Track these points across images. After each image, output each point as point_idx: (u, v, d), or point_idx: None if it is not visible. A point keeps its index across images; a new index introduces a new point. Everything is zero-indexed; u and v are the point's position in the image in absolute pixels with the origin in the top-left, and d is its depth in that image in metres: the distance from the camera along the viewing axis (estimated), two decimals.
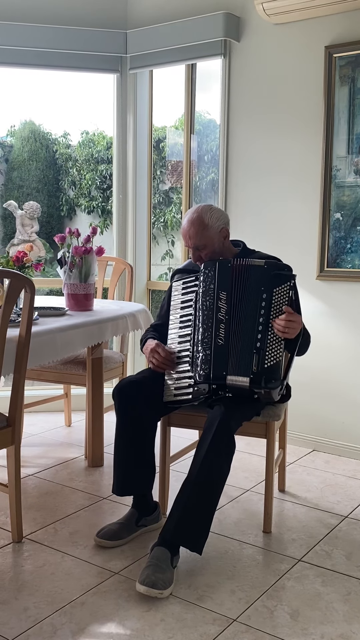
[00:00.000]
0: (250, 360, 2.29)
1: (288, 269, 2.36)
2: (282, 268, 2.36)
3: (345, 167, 3.30)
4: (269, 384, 2.29)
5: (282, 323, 2.26)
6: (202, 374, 2.33)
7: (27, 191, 9.17)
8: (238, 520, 2.65)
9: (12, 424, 2.35)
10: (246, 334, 2.32)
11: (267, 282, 2.32)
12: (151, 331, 2.65)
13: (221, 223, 2.49)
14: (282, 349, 2.32)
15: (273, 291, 2.31)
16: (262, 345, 2.29)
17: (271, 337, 2.30)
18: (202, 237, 2.46)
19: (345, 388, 3.40)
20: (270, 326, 2.29)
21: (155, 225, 7.91)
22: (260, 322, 2.30)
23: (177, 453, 2.77)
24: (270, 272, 2.33)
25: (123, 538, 2.44)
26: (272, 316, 2.30)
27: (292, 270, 2.36)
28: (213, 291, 2.37)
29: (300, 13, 3.25)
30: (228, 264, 2.38)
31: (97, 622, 1.95)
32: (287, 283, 2.33)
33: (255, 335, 2.30)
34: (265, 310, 2.30)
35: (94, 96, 8.75)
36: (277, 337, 2.30)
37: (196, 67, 3.97)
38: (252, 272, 2.35)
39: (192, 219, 2.47)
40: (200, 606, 2.04)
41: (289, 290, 2.33)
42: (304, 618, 1.99)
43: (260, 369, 2.28)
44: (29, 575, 2.21)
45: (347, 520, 2.67)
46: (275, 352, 2.30)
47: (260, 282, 2.33)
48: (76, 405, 4.03)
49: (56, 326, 2.67)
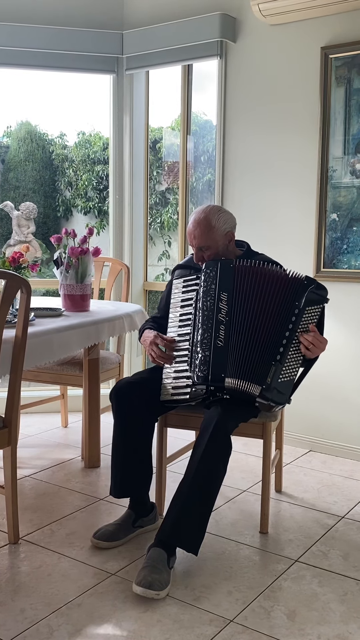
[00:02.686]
0: (267, 371, 2.28)
1: (324, 289, 2.33)
2: (320, 287, 2.32)
3: (342, 168, 3.30)
4: (277, 397, 2.29)
5: (310, 339, 2.26)
6: (200, 374, 2.33)
7: (23, 192, 9.15)
8: (235, 521, 2.65)
9: (9, 425, 2.35)
10: (264, 341, 2.30)
11: (303, 299, 2.28)
12: (150, 322, 2.64)
13: (228, 226, 2.48)
14: (298, 368, 2.32)
15: (306, 309, 2.28)
16: (282, 359, 2.28)
17: (292, 354, 2.29)
18: (207, 238, 2.44)
19: (341, 389, 3.41)
20: (294, 343, 2.28)
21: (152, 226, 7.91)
22: (286, 335, 2.28)
23: (174, 454, 2.76)
24: (308, 288, 2.29)
25: (120, 539, 2.43)
26: (299, 333, 2.28)
27: (327, 293, 2.34)
28: (214, 291, 2.36)
29: (297, 14, 3.26)
30: (230, 264, 2.37)
31: (93, 623, 1.95)
32: (321, 305, 2.32)
33: (277, 347, 2.28)
34: (294, 325, 2.28)
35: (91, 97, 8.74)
36: (297, 355, 2.29)
37: (192, 68, 3.97)
38: (286, 284, 2.31)
39: (199, 219, 2.45)
40: (197, 607, 2.04)
41: (320, 312, 2.33)
42: (300, 618, 1.99)
43: (274, 382, 2.27)
44: (25, 576, 2.20)
45: (343, 521, 2.67)
46: (292, 369, 2.30)
47: (295, 296, 2.29)
48: (73, 406, 4.02)
49: (52, 327, 2.66)
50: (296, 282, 2.31)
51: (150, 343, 2.46)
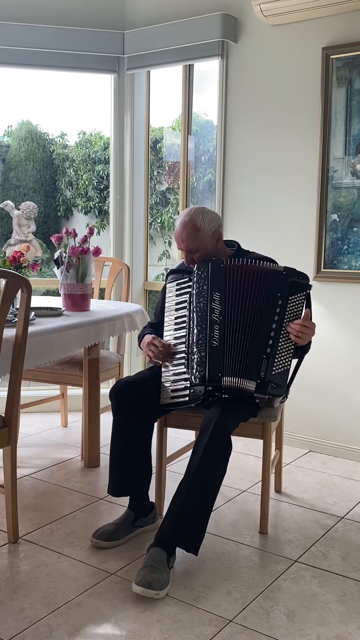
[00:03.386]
0: (259, 365, 2.29)
1: (304, 277, 2.35)
2: (300, 276, 2.34)
3: (342, 169, 3.30)
4: (274, 390, 2.29)
5: (297, 327, 2.27)
6: (197, 375, 2.33)
7: (23, 191, 9.16)
8: (234, 521, 2.65)
9: (8, 424, 2.35)
10: (255, 337, 2.31)
11: (285, 289, 2.31)
12: (148, 328, 2.66)
13: (214, 225, 2.48)
14: (291, 358, 2.32)
15: (289, 299, 2.30)
16: (273, 352, 2.29)
17: (282, 345, 2.29)
18: (194, 240, 2.45)
19: (341, 389, 3.41)
20: (282, 333, 2.29)
21: (152, 225, 7.92)
22: (273, 327, 2.30)
23: (174, 454, 2.76)
24: (289, 279, 2.32)
25: (119, 539, 2.43)
26: (286, 323, 2.30)
27: (309, 280, 2.36)
28: (206, 292, 2.37)
29: (298, 14, 3.26)
30: (221, 264, 2.38)
31: (93, 622, 1.95)
32: (303, 292, 2.33)
33: (266, 340, 2.30)
34: (279, 316, 2.30)
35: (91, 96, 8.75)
36: (288, 346, 2.30)
37: (193, 68, 3.97)
38: (268, 277, 2.34)
39: (184, 222, 2.47)
40: (197, 607, 2.04)
41: (305, 299, 2.33)
42: (300, 619, 1.99)
43: (268, 375, 2.28)
44: (24, 576, 2.20)
45: (343, 521, 2.67)
46: (284, 360, 2.30)
47: (277, 289, 2.31)
48: (72, 405, 4.02)
49: (53, 326, 2.66)
50: (275, 274, 2.33)
51: (148, 344, 2.47)
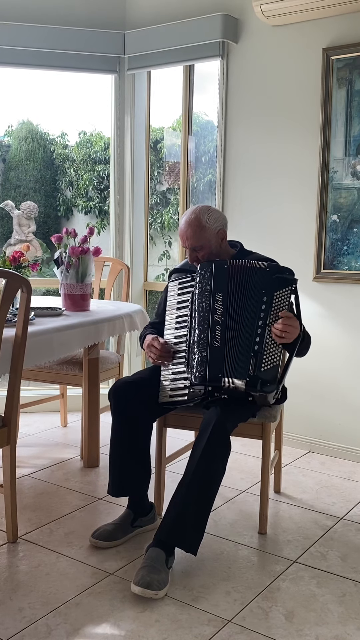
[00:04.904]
0: (247, 363, 2.29)
1: (290, 273, 2.35)
2: (284, 271, 2.35)
3: (342, 169, 3.30)
4: (264, 387, 2.30)
5: (280, 327, 2.26)
6: (197, 375, 2.33)
7: (24, 191, 9.16)
8: (233, 522, 2.65)
9: (8, 424, 2.35)
10: (244, 336, 2.32)
11: (269, 285, 2.31)
12: (149, 328, 2.65)
13: (219, 225, 2.49)
14: (279, 353, 2.32)
15: (274, 294, 2.30)
16: (260, 349, 2.29)
17: (269, 341, 2.29)
18: (199, 238, 2.45)
19: (341, 389, 3.41)
20: (269, 330, 2.29)
21: (153, 226, 7.92)
22: (259, 325, 2.30)
23: (173, 454, 2.76)
24: (272, 275, 2.33)
25: (118, 539, 2.43)
26: (272, 320, 2.30)
27: (294, 274, 2.36)
28: (209, 292, 2.37)
29: (298, 15, 3.26)
30: (224, 265, 2.38)
31: (92, 622, 1.95)
32: (288, 287, 2.32)
33: (253, 338, 2.30)
34: (264, 313, 2.30)
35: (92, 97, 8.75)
36: (275, 341, 2.31)
37: (194, 69, 3.97)
38: (253, 274, 2.35)
39: (189, 220, 2.47)
40: (195, 607, 2.04)
41: (290, 294, 2.33)
42: (299, 619, 1.99)
43: (257, 373, 2.28)
44: (24, 575, 2.20)
45: (342, 522, 2.67)
46: (272, 356, 2.30)
47: (261, 285, 2.32)
48: (72, 405, 4.02)
49: (53, 326, 2.66)
50: (260, 271, 2.34)
51: (148, 345, 2.47)
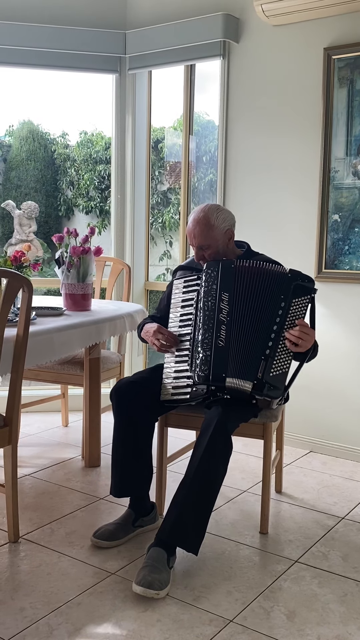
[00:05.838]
0: (257, 366, 2.29)
1: (310, 281, 2.34)
2: (305, 279, 2.33)
3: (344, 169, 3.30)
4: (270, 392, 2.29)
5: (296, 334, 2.25)
6: (201, 374, 2.33)
7: (25, 191, 9.16)
8: (235, 521, 2.65)
9: (9, 424, 2.35)
10: (252, 338, 2.31)
11: (288, 291, 2.30)
12: (149, 319, 2.65)
13: (227, 224, 2.48)
14: (290, 361, 2.32)
15: (292, 301, 2.29)
16: (272, 354, 2.28)
17: (282, 347, 2.29)
18: (206, 237, 2.45)
19: (342, 390, 3.40)
20: (282, 336, 2.29)
21: (154, 225, 7.91)
22: (274, 329, 2.29)
23: (174, 454, 2.76)
24: (293, 281, 2.31)
25: (120, 538, 2.43)
26: (287, 326, 2.29)
27: (314, 284, 2.35)
28: (215, 292, 2.36)
29: (300, 15, 3.26)
30: (231, 264, 2.37)
31: (93, 622, 1.95)
32: (308, 295, 2.31)
33: (266, 342, 2.29)
34: (281, 319, 2.29)
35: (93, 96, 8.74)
36: (288, 349, 2.30)
37: (195, 68, 3.97)
38: (267, 277, 2.33)
39: (198, 218, 2.46)
40: (197, 607, 2.04)
41: (308, 303, 2.32)
42: (300, 619, 1.99)
43: (265, 377, 2.28)
44: (25, 575, 2.20)
45: (343, 522, 2.67)
46: (282, 363, 2.30)
47: (279, 290, 2.31)
48: (73, 405, 4.02)
49: (54, 326, 2.66)
50: (281, 276, 2.33)
51: (154, 332, 2.47)
